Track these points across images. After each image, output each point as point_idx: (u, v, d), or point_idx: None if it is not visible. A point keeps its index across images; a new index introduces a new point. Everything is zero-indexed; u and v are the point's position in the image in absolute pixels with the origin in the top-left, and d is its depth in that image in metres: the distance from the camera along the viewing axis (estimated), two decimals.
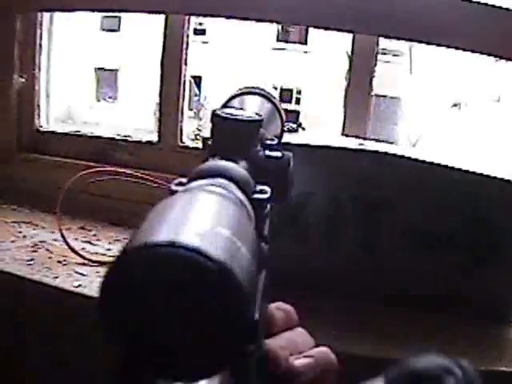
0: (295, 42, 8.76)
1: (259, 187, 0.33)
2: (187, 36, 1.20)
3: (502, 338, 0.83)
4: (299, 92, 8.35)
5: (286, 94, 8.01)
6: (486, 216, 0.82)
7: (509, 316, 0.85)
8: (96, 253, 0.99)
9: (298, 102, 8.32)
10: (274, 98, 0.56)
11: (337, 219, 0.85)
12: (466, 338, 0.80)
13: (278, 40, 8.72)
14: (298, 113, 7.60)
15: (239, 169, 0.33)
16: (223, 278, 0.21)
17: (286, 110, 0.59)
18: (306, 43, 8.66)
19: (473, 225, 0.82)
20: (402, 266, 0.85)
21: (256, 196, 0.32)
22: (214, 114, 0.39)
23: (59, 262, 0.94)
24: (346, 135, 1.06)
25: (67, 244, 0.96)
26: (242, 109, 0.44)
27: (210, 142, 0.38)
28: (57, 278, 0.88)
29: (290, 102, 8.05)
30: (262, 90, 0.56)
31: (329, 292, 0.84)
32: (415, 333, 0.80)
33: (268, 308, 0.38)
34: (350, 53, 1.08)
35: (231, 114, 0.39)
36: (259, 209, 0.32)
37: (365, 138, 0.99)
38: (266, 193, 0.33)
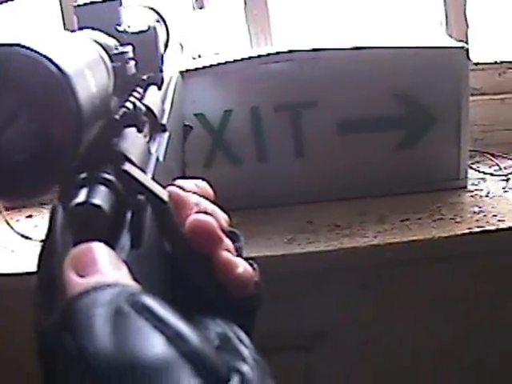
0: None
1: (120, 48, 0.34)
2: None
3: (457, 203, 0.84)
4: None
5: None
6: (409, 90, 0.82)
7: (458, 181, 0.86)
8: None
9: None
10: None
11: (261, 131, 0.84)
12: (422, 211, 0.81)
13: None
14: None
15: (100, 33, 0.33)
16: (62, 83, 0.21)
17: None
18: None
19: (398, 101, 0.82)
20: (339, 161, 0.85)
21: (116, 51, 0.32)
22: (75, 6, 0.38)
23: None
24: None
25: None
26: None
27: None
28: None
29: None
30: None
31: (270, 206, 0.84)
32: (371, 219, 0.80)
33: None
34: None
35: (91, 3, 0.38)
36: (122, 66, 0.32)
37: None
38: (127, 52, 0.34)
